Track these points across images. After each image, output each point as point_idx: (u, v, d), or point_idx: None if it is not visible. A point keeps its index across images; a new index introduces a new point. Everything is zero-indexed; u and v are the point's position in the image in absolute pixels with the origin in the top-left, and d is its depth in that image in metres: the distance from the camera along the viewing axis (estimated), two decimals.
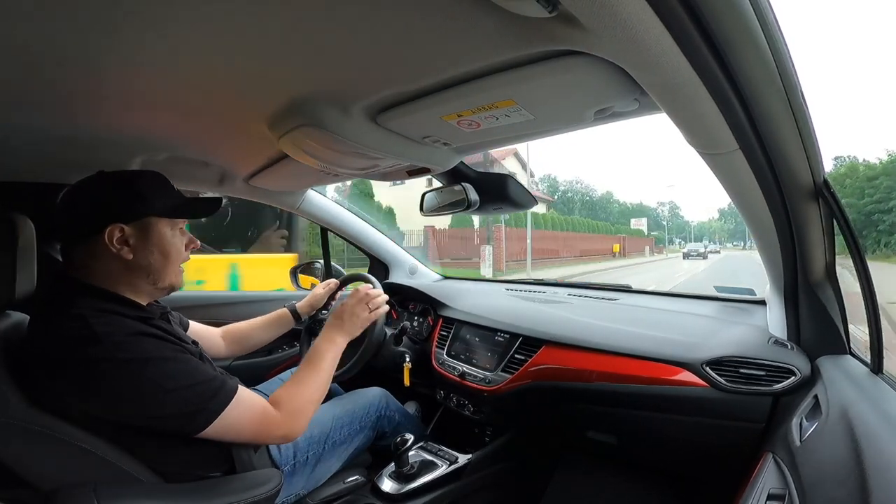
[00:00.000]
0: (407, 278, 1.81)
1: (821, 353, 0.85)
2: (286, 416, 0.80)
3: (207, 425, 0.71)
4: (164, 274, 0.79)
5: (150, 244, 0.76)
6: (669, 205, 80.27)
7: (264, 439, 0.81)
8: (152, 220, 0.77)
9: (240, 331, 1.20)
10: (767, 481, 0.64)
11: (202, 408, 0.70)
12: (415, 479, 1.08)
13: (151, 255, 0.77)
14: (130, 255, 0.74)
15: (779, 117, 0.57)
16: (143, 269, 0.76)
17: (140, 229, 0.75)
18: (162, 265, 0.78)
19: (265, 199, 1.44)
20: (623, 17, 0.39)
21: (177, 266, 0.81)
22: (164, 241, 0.78)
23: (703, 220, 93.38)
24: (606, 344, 1.05)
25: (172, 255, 0.79)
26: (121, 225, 0.73)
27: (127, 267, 0.75)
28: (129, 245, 0.74)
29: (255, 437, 0.78)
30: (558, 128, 0.74)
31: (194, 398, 0.70)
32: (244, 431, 0.76)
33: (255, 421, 0.76)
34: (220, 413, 0.71)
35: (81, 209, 0.74)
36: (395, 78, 0.62)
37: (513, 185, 1.08)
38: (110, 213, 0.73)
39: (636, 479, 1.26)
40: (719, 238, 74.06)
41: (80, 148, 0.93)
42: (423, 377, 1.39)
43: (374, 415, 1.15)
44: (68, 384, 0.66)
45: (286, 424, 0.80)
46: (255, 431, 0.77)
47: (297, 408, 0.82)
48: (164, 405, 0.68)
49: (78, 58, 0.57)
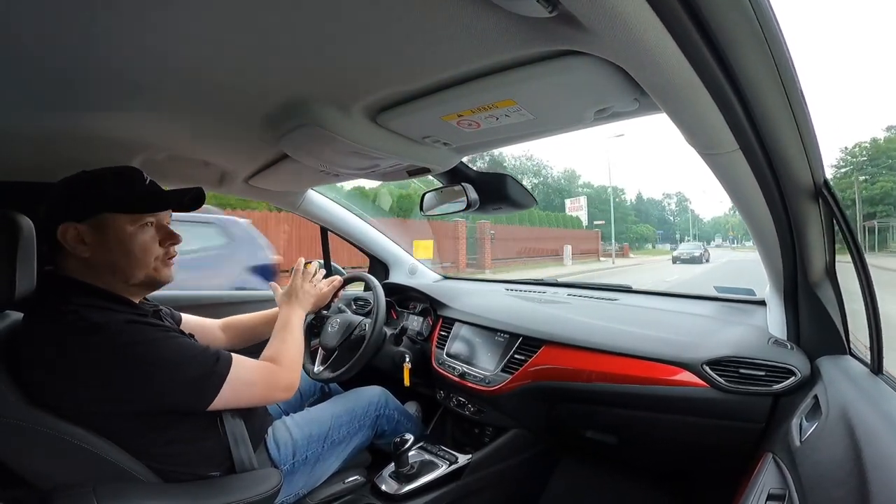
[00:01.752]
0: (407, 278, 1.81)
1: (821, 354, 0.85)
2: (284, 367, 0.88)
3: (217, 392, 0.73)
4: (131, 271, 0.76)
5: (108, 241, 0.74)
6: (677, 196, 69.60)
7: (271, 394, 0.85)
8: (107, 217, 0.74)
9: (243, 323, 1.20)
10: (767, 481, 0.64)
11: (209, 373, 0.73)
12: (415, 479, 1.08)
13: (111, 252, 0.74)
14: (87, 254, 0.73)
15: (779, 117, 0.57)
16: (107, 267, 0.75)
17: (95, 227, 0.73)
18: (126, 263, 0.76)
19: (265, 198, 1.44)
20: (623, 16, 0.39)
21: (147, 262, 0.78)
22: (123, 237, 0.75)
23: (718, 215, 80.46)
24: (606, 344, 1.05)
25: (135, 252, 0.76)
26: (73, 223, 0.72)
27: (87, 265, 0.74)
28: (86, 243, 0.73)
29: (264, 393, 0.82)
30: (558, 128, 0.75)
31: (199, 367, 0.73)
32: (254, 389, 0.80)
33: (261, 377, 0.81)
34: (226, 377, 0.74)
35: (43, 209, 0.75)
36: (395, 78, 0.62)
37: (512, 185, 1.08)
38: (64, 211, 0.73)
39: (636, 479, 1.26)
40: (735, 235, 55.77)
41: (81, 147, 0.93)
42: (423, 377, 1.39)
43: (374, 413, 1.15)
44: (73, 378, 0.66)
45: (287, 375, 0.87)
46: (263, 388, 0.81)
47: (290, 359, 0.91)
48: (173, 380, 0.70)
49: (78, 57, 0.57)
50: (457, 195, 1.10)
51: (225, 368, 0.75)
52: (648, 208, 62.04)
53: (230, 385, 0.74)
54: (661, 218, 60.46)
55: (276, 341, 0.94)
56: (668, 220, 53.07)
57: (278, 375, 0.85)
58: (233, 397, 0.76)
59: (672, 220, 55.67)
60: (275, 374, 0.85)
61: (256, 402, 0.84)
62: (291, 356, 0.91)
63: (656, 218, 60.25)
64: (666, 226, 59.76)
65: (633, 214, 48.38)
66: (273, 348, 0.92)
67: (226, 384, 0.74)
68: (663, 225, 60.25)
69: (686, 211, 70.46)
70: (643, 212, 59.59)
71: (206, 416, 0.78)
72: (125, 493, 0.67)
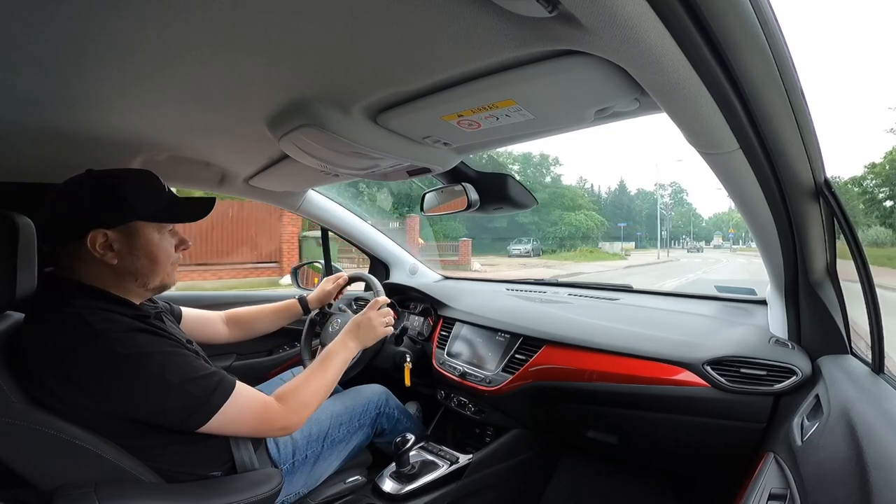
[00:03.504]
0: (407, 278, 1.81)
1: (822, 353, 0.85)
2: (288, 409, 0.81)
3: (209, 419, 0.70)
4: (152, 276, 0.78)
5: (137, 249, 0.75)
6: (672, 188, 57.40)
7: (264, 432, 0.80)
8: (138, 225, 0.75)
9: (245, 315, 1.20)
10: (768, 481, 0.64)
11: (204, 402, 0.70)
12: (415, 480, 1.08)
13: (138, 259, 0.75)
14: (115, 261, 0.73)
15: (779, 117, 0.57)
16: (131, 273, 0.76)
17: (125, 234, 0.74)
18: (150, 269, 0.77)
19: (266, 199, 1.44)
20: (623, 16, 0.39)
21: (166, 268, 0.80)
22: (150, 244, 0.77)
23: (723, 211, 73.37)
24: (607, 344, 1.05)
25: (161, 259, 0.78)
26: (104, 230, 0.72)
27: (113, 271, 0.74)
28: (114, 250, 0.73)
29: (256, 429, 0.78)
30: (558, 127, 0.74)
31: (196, 391, 0.70)
32: (245, 424, 0.76)
33: (256, 414, 0.76)
34: (220, 407, 0.71)
35: (65, 213, 0.73)
36: (395, 78, 0.62)
37: (513, 185, 1.08)
38: (93, 218, 0.72)
39: (636, 479, 1.26)
40: (741, 235, 48.97)
41: (81, 148, 0.93)
42: (423, 377, 1.39)
43: (374, 412, 1.15)
44: (71, 381, 0.66)
45: (286, 417, 0.80)
46: (255, 424, 0.77)
47: (300, 402, 0.83)
48: (167, 398, 0.68)
49: (79, 57, 0.57)
50: (457, 195, 1.11)
51: (222, 399, 0.72)
52: (633, 201, 51.80)
53: (223, 415, 0.72)
54: (650, 213, 48.61)
55: (303, 374, 0.88)
56: (665, 216, 37.28)
57: (276, 416, 0.79)
58: (222, 426, 0.73)
59: (669, 216, 42.11)
60: (273, 414, 0.79)
61: (247, 435, 0.80)
62: (306, 397, 0.84)
63: (645, 214, 49.63)
64: (651, 221, 46.05)
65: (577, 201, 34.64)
66: (293, 384, 0.85)
67: (219, 414, 0.71)
68: (650, 221, 47.37)
69: (683, 204, 60.03)
70: (623, 206, 49.66)
71: None
72: (126, 493, 0.67)
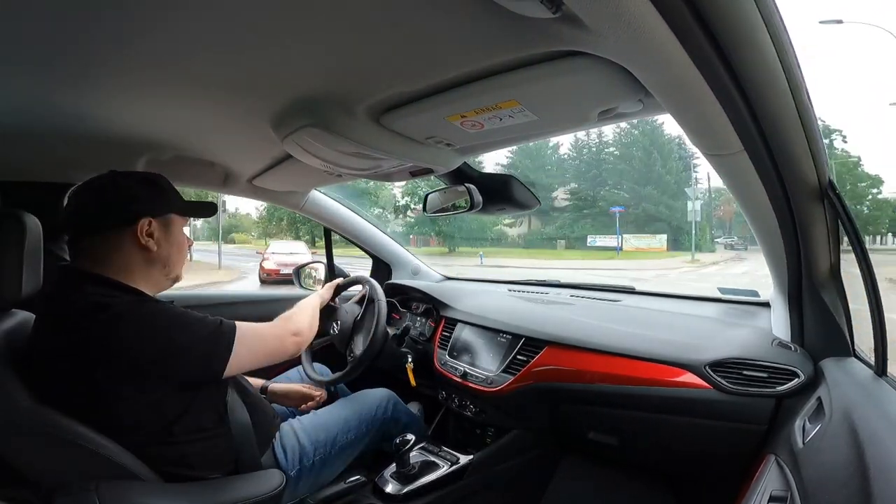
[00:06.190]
0: (410, 279, 1.81)
1: (825, 355, 0.85)
2: (292, 320, 0.94)
3: (230, 352, 0.75)
4: (177, 266, 0.86)
5: (171, 238, 0.83)
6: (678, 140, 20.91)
7: (283, 342, 0.88)
8: (174, 217, 0.84)
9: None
10: (769, 483, 0.64)
11: (219, 333, 0.76)
12: (416, 480, 1.08)
13: (171, 248, 0.83)
14: (155, 247, 0.80)
15: (784, 118, 0.57)
16: (161, 261, 0.82)
17: (164, 224, 0.82)
18: (177, 258, 0.86)
19: (269, 199, 1.44)
20: (627, 17, 0.39)
21: (184, 259, 0.88)
22: (180, 236, 0.86)
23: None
24: (609, 345, 1.05)
25: (184, 250, 0.88)
26: (150, 218, 0.79)
27: (148, 259, 0.80)
28: (154, 238, 0.79)
29: (277, 344, 0.86)
30: (562, 128, 0.75)
31: (208, 327, 0.76)
32: (267, 341, 0.84)
33: (269, 327, 0.87)
34: (234, 334, 0.77)
35: (114, 202, 0.78)
36: (398, 79, 0.62)
37: (516, 186, 1.09)
38: (145, 206, 0.79)
39: (637, 481, 1.25)
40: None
41: (87, 147, 0.94)
42: (425, 377, 1.39)
43: (381, 418, 1.15)
44: (86, 358, 0.67)
45: (297, 320, 0.94)
46: (273, 338, 0.86)
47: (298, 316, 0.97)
48: (187, 342, 0.72)
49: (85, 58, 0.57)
50: (460, 196, 1.11)
51: (230, 328, 0.78)
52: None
53: (241, 342, 0.77)
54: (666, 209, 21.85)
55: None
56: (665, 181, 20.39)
57: (288, 325, 0.91)
58: (247, 354, 0.78)
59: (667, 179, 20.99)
60: (281, 322, 0.91)
61: (271, 355, 0.86)
62: (298, 315, 0.97)
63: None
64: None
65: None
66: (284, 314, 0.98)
67: (237, 342, 0.76)
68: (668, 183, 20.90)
69: (689, 169, 25.34)
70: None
71: (214, 411, 0.79)
72: (127, 493, 0.67)
